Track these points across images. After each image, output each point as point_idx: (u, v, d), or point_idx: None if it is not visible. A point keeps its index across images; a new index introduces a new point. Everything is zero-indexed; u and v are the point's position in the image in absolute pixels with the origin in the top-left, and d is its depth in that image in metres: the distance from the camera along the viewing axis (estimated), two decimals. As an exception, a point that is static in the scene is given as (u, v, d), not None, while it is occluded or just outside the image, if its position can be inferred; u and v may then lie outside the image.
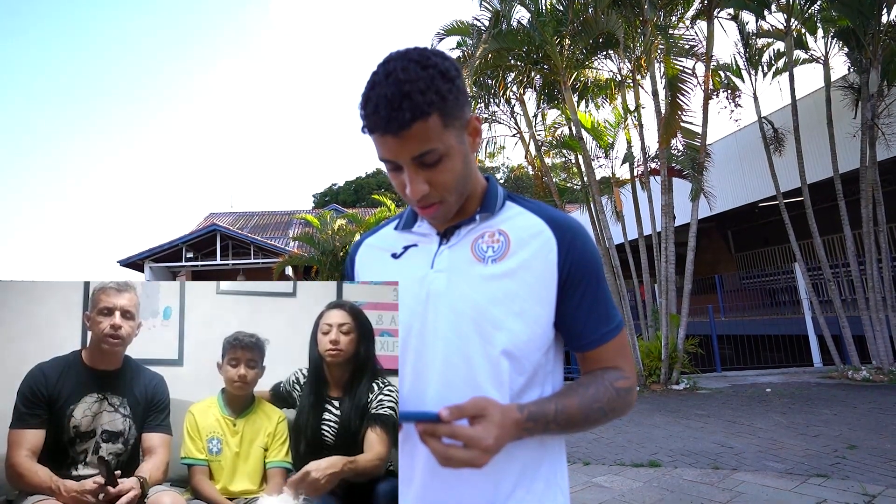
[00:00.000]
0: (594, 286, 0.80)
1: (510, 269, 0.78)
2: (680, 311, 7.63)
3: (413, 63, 0.70)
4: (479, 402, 0.69)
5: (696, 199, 7.48)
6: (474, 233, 0.82)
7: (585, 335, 0.81)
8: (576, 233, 0.81)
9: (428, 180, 0.74)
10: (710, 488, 3.45)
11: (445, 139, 0.72)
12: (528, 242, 0.80)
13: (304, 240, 15.00)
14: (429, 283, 0.80)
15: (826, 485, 3.37)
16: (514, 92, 8.85)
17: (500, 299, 0.77)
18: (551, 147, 10.07)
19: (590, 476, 3.84)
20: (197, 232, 17.03)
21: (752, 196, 10.63)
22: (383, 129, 0.70)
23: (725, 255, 16.16)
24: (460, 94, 0.74)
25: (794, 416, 5.40)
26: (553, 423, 0.74)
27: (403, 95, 0.68)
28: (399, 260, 0.86)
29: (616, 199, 9.52)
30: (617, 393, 0.80)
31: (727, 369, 9.72)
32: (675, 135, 7.25)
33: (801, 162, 7.72)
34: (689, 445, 4.53)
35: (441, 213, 0.79)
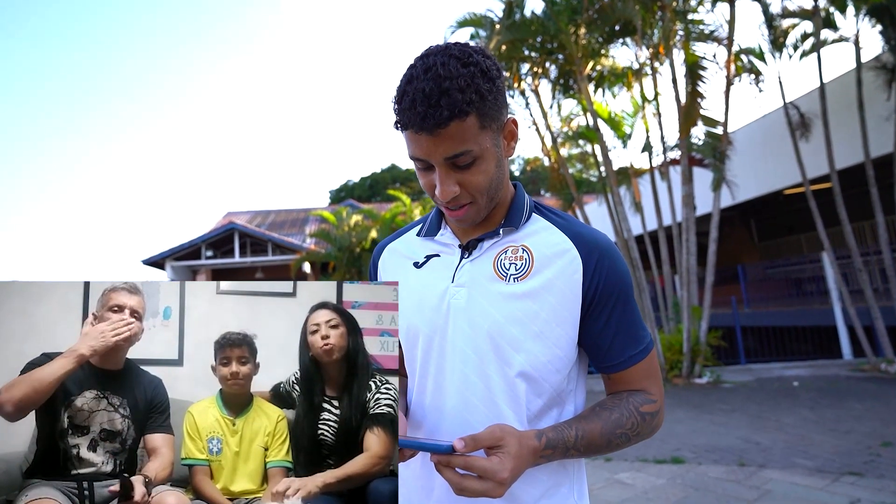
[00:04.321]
0: (621, 308, 0.77)
1: (532, 288, 0.75)
2: (702, 302, 7.47)
3: (454, 59, 0.67)
4: (496, 433, 0.66)
5: (718, 188, 7.28)
6: (497, 247, 0.79)
7: (611, 357, 0.78)
8: (603, 252, 0.77)
9: (459, 182, 0.72)
10: (736, 486, 3.36)
11: (481, 141, 0.70)
12: (553, 261, 0.77)
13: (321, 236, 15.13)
14: (449, 297, 0.78)
15: (860, 483, 3.25)
16: (528, 83, 8.71)
17: (520, 319, 0.75)
18: (567, 138, 9.93)
19: (612, 473, 3.78)
20: (215, 230, 17.29)
21: (776, 184, 10.31)
22: (419, 126, 0.67)
23: (748, 245, 15.77)
24: (500, 95, 0.71)
25: (823, 410, 5.23)
26: (573, 450, 0.72)
27: (442, 92, 0.65)
28: (421, 270, 0.84)
29: (634, 190, 9.35)
30: (642, 418, 0.77)
31: (751, 361, 9.50)
32: (695, 123, 7.07)
33: (830, 147, 7.44)
34: (714, 441, 4.42)
35: (470, 216, 0.76)
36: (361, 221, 15.11)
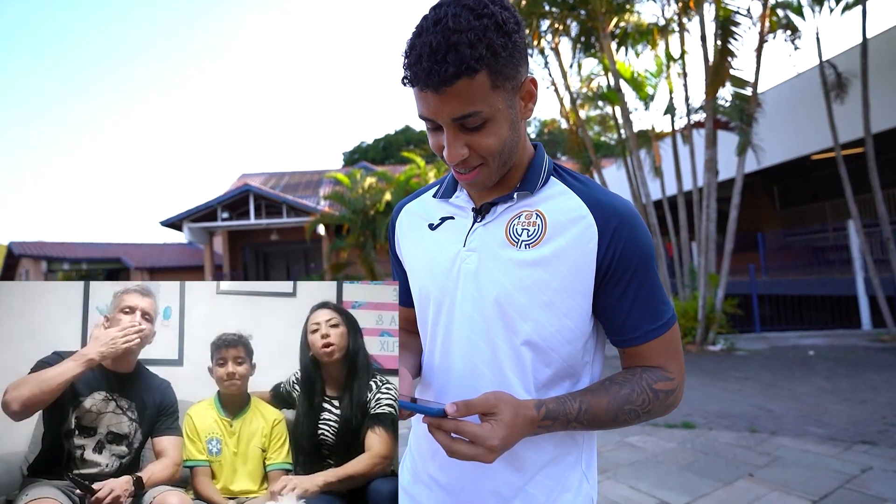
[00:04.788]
0: (639, 279, 0.73)
1: (543, 256, 0.73)
2: (720, 270, 7.36)
3: (467, 10, 0.62)
4: (490, 400, 0.66)
5: (744, 153, 7.02)
6: (511, 212, 0.77)
7: (626, 331, 0.75)
8: (622, 220, 0.73)
9: (468, 144, 0.68)
10: (746, 451, 3.38)
11: (493, 101, 0.65)
12: (567, 228, 0.73)
13: (335, 198, 15.10)
14: (461, 261, 0.77)
15: (872, 452, 3.25)
16: (548, 41, 8.35)
17: (529, 287, 0.72)
18: (587, 99, 9.60)
19: (622, 436, 3.83)
20: (230, 192, 17.35)
21: (804, 148, 9.92)
22: (423, 82, 0.63)
23: (769, 212, 15.38)
24: (516, 51, 0.66)
25: (838, 380, 5.20)
26: (576, 422, 0.71)
27: (449, 47, 0.61)
28: (435, 232, 0.83)
29: (655, 154, 9.08)
30: (655, 395, 0.74)
31: (767, 330, 9.44)
32: (723, 83, 6.75)
33: (867, 108, 7.07)
34: (726, 407, 4.44)
35: (481, 179, 0.72)
36: (375, 184, 15.01)
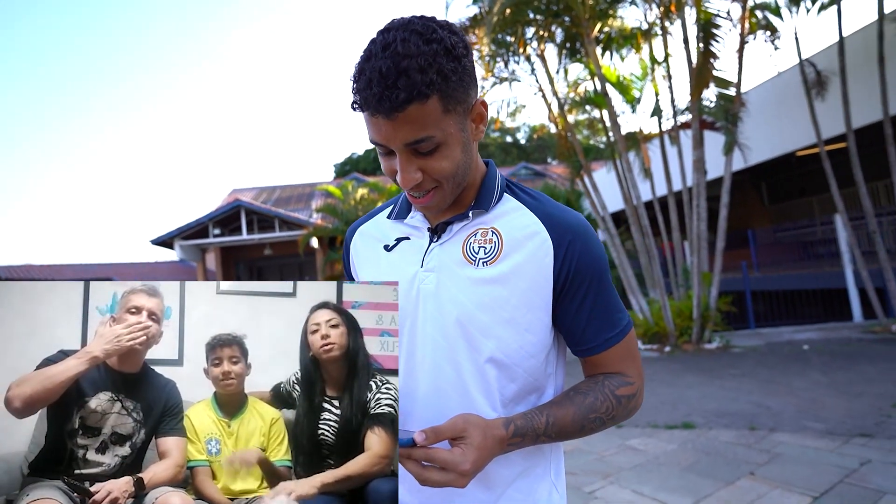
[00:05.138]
0: (595, 291, 0.75)
1: (501, 273, 0.73)
2: (712, 268, 7.43)
3: (415, 35, 0.63)
4: (458, 425, 0.66)
5: (730, 152, 7.12)
6: (467, 230, 0.77)
7: (587, 341, 0.77)
8: (576, 234, 0.74)
9: (422, 168, 0.68)
10: (746, 450, 3.41)
11: (444, 126, 0.66)
12: (523, 244, 0.74)
13: (328, 211, 15.08)
14: (419, 282, 0.77)
15: (870, 445, 3.29)
16: (534, 48, 8.45)
17: (489, 305, 0.73)
18: (575, 104, 9.69)
19: (623, 439, 3.85)
20: (222, 208, 17.26)
21: (789, 145, 10.07)
22: (374, 108, 0.63)
23: (758, 208, 15.56)
24: (466, 75, 0.66)
25: (834, 373, 5.26)
26: (544, 436, 0.72)
27: (400, 72, 0.61)
28: (391, 253, 0.83)
29: (644, 156, 9.18)
30: (618, 401, 0.76)
31: (761, 326, 9.52)
32: (707, 84, 6.86)
33: (847, 105, 7.21)
34: (724, 406, 4.47)
35: (436, 202, 0.73)
36: (367, 195, 15.02)
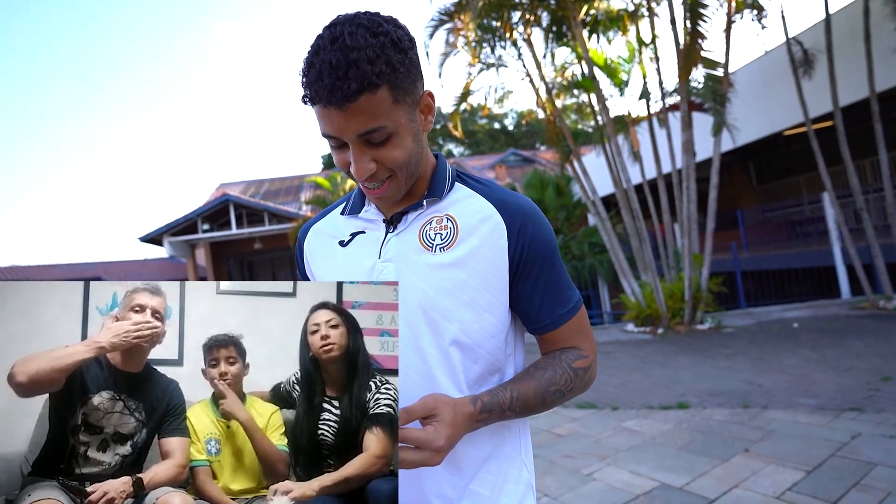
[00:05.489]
0: (548, 270, 0.79)
1: (459, 257, 0.76)
2: (703, 250, 7.49)
3: (362, 28, 0.65)
4: (428, 403, 0.68)
5: (719, 133, 7.13)
6: (422, 219, 0.80)
7: (541, 319, 0.81)
8: (527, 216, 0.78)
9: (375, 158, 0.70)
10: (741, 427, 3.46)
11: (395, 116, 0.68)
12: (477, 228, 0.77)
13: (317, 203, 14.97)
14: (377, 272, 0.79)
15: (860, 418, 3.35)
16: (520, 32, 8.36)
17: (449, 289, 0.75)
18: (562, 89, 9.64)
19: (619, 421, 3.88)
20: (210, 203, 17.05)
21: (777, 125, 10.11)
22: (326, 99, 0.65)
23: (747, 188, 15.69)
24: (412, 67, 0.69)
25: (823, 349, 5.34)
26: (510, 411, 0.75)
27: (349, 63, 0.63)
28: (346, 248, 0.84)
29: (633, 139, 9.17)
30: (575, 373, 0.80)
31: (752, 305, 9.64)
32: (695, 65, 6.83)
33: (834, 83, 7.23)
34: (717, 385, 4.53)
35: (391, 192, 0.75)
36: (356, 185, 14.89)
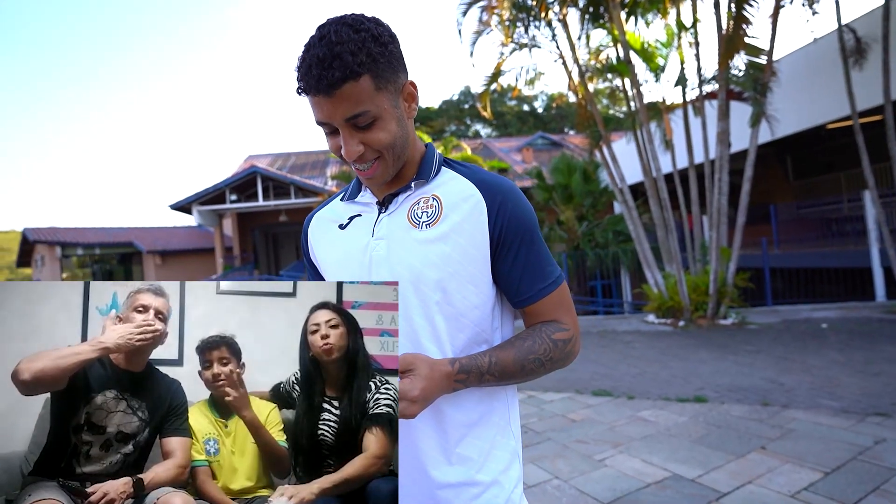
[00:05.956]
0: (527, 245, 0.84)
1: (443, 232, 0.82)
2: (731, 244, 7.29)
3: (346, 27, 0.73)
4: (407, 358, 0.74)
5: (757, 124, 6.86)
6: (410, 199, 0.86)
7: (522, 292, 0.85)
8: (506, 194, 0.83)
9: (363, 141, 0.77)
10: (758, 424, 3.41)
11: (378, 102, 0.75)
12: (460, 206, 0.83)
13: (343, 178, 15.04)
14: (371, 250, 0.84)
15: (886, 424, 3.26)
16: (555, 12, 8.13)
17: (436, 262, 0.81)
18: (596, 72, 9.37)
19: (634, 410, 3.87)
20: (238, 174, 17.35)
21: (819, 117, 9.65)
22: (315, 88, 0.72)
23: (782, 183, 15.10)
24: (393, 59, 0.76)
25: (852, 352, 5.19)
26: (488, 375, 0.79)
27: (334, 56, 0.71)
28: (345, 230, 0.90)
29: (666, 127, 8.90)
30: (554, 344, 0.84)
31: (779, 303, 9.39)
32: (737, 52, 6.55)
33: (888, 74, 6.85)
34: (737, 381, 4.46)
35: (380, 172, 0.81)
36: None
